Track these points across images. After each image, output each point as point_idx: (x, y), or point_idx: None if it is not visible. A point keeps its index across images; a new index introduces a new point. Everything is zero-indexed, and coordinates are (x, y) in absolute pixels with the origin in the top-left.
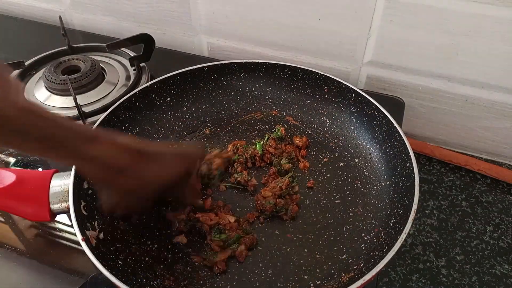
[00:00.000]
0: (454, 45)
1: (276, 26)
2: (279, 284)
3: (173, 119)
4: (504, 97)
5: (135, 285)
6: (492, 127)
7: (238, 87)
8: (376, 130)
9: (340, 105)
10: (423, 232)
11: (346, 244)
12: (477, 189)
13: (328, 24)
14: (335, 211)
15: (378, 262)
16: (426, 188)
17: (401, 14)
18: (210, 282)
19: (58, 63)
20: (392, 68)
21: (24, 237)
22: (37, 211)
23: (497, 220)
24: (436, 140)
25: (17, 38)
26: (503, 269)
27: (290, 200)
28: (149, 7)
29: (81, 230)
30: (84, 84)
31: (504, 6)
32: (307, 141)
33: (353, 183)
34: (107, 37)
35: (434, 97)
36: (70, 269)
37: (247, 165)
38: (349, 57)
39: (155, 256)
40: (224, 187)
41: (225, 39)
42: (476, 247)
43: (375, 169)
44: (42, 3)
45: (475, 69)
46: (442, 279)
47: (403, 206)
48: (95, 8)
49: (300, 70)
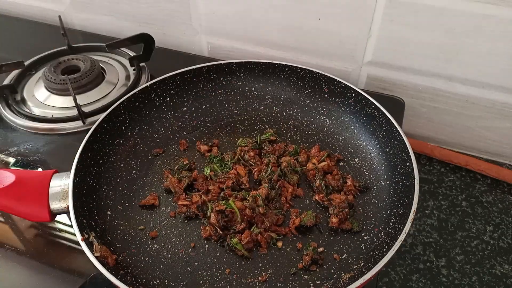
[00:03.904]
0: (455, 45)
1: (276, 26)
2: (279, 284)
3: (172, 119)
4: (505, 97)
5: (135, 285)
6: (493, 127)
7: (238, 87)
8: (376, 130)
9: (340, 104)
10: (423, 232)
11: (346, 244)
12: (477, 189)
13: (328, 24)
14: None
15: (378, 262)
16: (426, 188)
17: (401, 13)
18: (210, 282)
19: (58, 63)
20: (392, 68)
21: (24, 237)
22: (37, 211)
23: (497, 220)
24: (436, 140)
25: (17, 38)
26: (503, 269)
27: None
28: (149, 7)
29: (80, 230)
30: (84, 84)
31: (505, 6)
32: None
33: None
34: (107, 37)
35: (435, 97)
36: (70, 269)
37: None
38: (349, 57)
39: (155, 256)
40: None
41: (225, 39)
42: (476, 247)
43: (375, 169)
44: (42, 3)
45: (476, 69)
46: (442, 279)
47: (403, 205)
48: (95, 8)
49: (300, 70)
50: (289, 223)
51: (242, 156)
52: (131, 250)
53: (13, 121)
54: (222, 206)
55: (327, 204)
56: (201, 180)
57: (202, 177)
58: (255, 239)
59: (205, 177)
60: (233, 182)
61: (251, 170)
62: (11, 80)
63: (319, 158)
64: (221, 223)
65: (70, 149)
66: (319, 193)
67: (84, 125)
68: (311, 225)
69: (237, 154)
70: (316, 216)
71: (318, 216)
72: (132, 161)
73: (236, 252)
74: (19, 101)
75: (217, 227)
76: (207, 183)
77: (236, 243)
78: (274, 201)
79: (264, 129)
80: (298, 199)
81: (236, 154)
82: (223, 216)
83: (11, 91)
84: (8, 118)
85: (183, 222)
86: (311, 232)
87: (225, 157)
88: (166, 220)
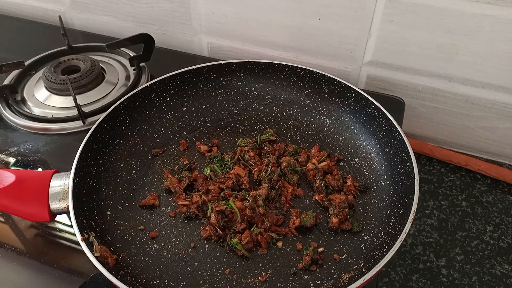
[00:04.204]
0: (455, 45)
1: (276, 26)
2: (279, 284)
3: (172, 119)
4: (505, 97)
5: (135, 285)
6: (493, 127)
7: (238, 87)
8: (376, 130)
9: (340, 104)
10: (423, 232)
11: (346, 244)
12: (477, 189)
13: (328, 24)
14: None
15: (378, 262)
16: (426, 188)
17: (401, 14)
18: (210, 282)
19: (58, 63)
20: (392, 68)
21: (24, 237)
22: (37, 211)
23: (497, 220)
24: (436, 140)
25: (17, 38)
26: (503, 269)
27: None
28: (149, 7)
29: (80, 230)
30: (84, 84)
31: (505, 6)
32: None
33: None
34: (107, 37)
35: (435, 97)
36: (70, 269)
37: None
38: (349, 57)
39: (155, 256)
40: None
41: (225, 39)
42: (476, 247)
43: (375, 169)
44: (42, 3)
45: (476, 69)
46: (442, 279)
47: (403, 205)
48: (95, 8)
49: (300, 70)
50: (289, 223)
51: (242, 156)
52: (131, 250)
53: (13, 121)
54: (222, 206)
55: (327, 204)
56: (201, 180)
57: (202, 177)
58: (255, 239)
59: (205, 177)
60: (233, 182)
61: (251, 170)
62: (11, 80)
63: (319, 158)
64: (221, 223)
65: (70, 149)
66: (319, 193)
67: (84, 125)
68: (311, 225)
69: (237, 154)
70: (316, 216)
71: (318, 216)
72: (132, 161)
73: (236, 252)
74: (19, 101)
75: (217, 227)
76: (207, 183)
77: (236, 243)
78: (274, 201)
79: (264, 129)
80: (298, 199)
81: (236, 154)
82: (223, 216)
83: (11, 91)
84: (8, 118)
85: (183, 222)
86: (311, 232)
87: (225, 157)
88: (166, 220)
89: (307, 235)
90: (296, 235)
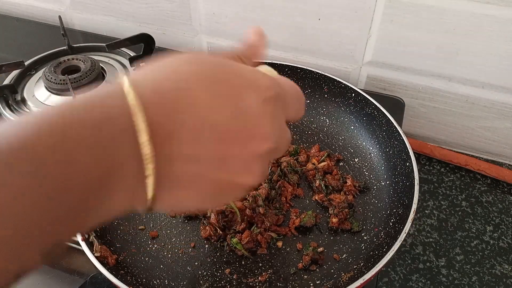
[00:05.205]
0: (455, 45)
1: (276, 26)
2: (279, 284)
3: None
4: (504, 97)
5: (135, 285)
6: (492, 127)
7: None
8: (376, 130)
9: (340, 104)
10: (423, 232)
11: (346, 244)
12: (477, 189)
13: (328, 24)
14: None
15: (377, 262)
16: (426, 188)
17: (401, 14)
18: (210, 282)
19: (58, 63)
20: (392, 68)
21: None
22: None
23: (497, 220)
24: (436, 140)
25: (17, 38)
26: (503, 269)
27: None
28: (149, 7)
29: None
30: (84, 84)
31: (504, 6)
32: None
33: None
34: (107, 37)
35: (434, 97)
36: (70, 269)
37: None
38: (349, 57)
39: (155, 256)
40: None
41: (225, 39)
42: (476, 247)
43: (374, 169)
44: (42, 3)
45: (476, 69)
46: (442, 279)
47: (402, 205)
48: (95, 8)
49: (300, 70)
50: (289, 223)
51: None
52: (131, 250)
53: None
54: (222, 206)
55: (327, 204)
56: None
57: None
58: (255, 239)
59: None
60: None
61: None
62: (11, 80)
63: (319, 158)
64: (221, 223)
65: None
66: (319, 193)
67: None
68: (311, 225)
69: None
70: (316, 216)
71: (318, 216)
72: None
73: (236, 252)
74: (19, 101)
75: (217, 227)
76: None
77: (236, 243)
78: (274, 201)
79: None
80: (298, 199)
81: None
82: (223, 216)
83: (11, 91)
84: (9, 118)
85: (183, 222)
86: (311, 232)
87: None
88: (166, 220)
89: (307, 235)
90: (296, 235)
